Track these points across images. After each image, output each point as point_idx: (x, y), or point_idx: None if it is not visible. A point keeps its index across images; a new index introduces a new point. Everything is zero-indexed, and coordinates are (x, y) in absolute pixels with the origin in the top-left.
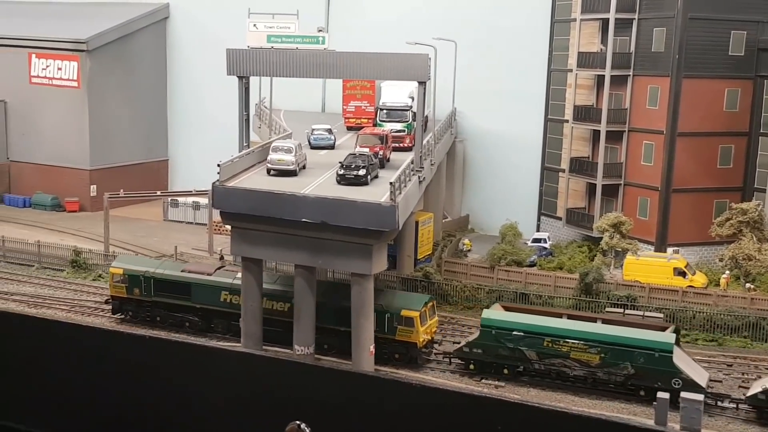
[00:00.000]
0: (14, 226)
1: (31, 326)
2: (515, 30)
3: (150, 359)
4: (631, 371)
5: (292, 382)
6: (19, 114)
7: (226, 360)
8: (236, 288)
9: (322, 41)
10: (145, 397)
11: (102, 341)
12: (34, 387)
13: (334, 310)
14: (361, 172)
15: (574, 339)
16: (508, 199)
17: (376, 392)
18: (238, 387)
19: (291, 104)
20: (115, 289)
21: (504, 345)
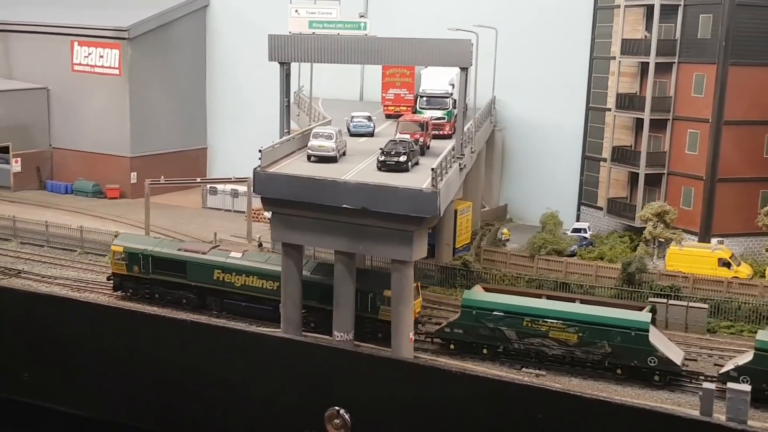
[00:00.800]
0: (57, 212)
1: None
2: (557, 17)
3: (189, 343)
4: (608, 350)
5: (331, 368)
6: (61, 101)
7: (266, 345)
8: (228, 266)
9: (363, 27)
10: (184, 382)
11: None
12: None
13: (321, 289)
14: (402, 159)
15: (553, 318)
16: (547, 189)
17: (416, 379)
18: (278, 372)
19: (329, 92)
20: (116, 267)
21: (484, 325)
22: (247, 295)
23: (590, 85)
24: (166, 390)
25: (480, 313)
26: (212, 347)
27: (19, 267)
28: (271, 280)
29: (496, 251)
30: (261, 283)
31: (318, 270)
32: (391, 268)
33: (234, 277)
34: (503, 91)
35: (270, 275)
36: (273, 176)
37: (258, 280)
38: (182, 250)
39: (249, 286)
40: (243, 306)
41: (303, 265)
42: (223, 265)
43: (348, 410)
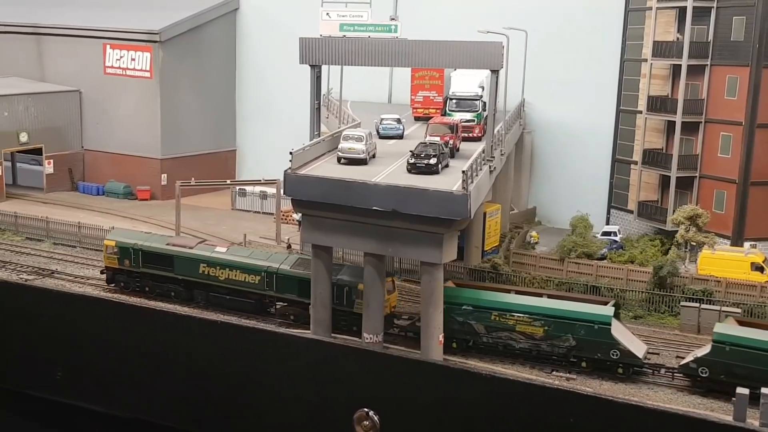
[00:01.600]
0: (89, 213)
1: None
2: (587, 19)
3: (219, 344)
4: (572, 343)
5: (360, 369)
6: (93, 104)
7: (296, 346)
8: (213, 261)
9: (394, 30)
10: (213, 382)
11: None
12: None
13: (300, 283)
14: (432, 161)
15: (520, 312)
16: (577, 192)
17: (445, 381)
18: (307, 374)
19: (358, 95)
20: (109, 260)
21: (454, 319)
22: (230, 289)
23: (621, 88)
24: (196, 390)
25: (450, 307)
26: (242, 348)
27: (53, 267)
28: (252, 274)
29: (525, 254)
30: (244, 276)
31: (298, 264)
32: (421, 270)
33: (218, 271)
34: (533, 93)
35: (252, 269)
36: (303, 178)
37: (241, 273)
38: (170, 245)
39: (232, 280)
40: (227, 299)
41: (284, 260)
42: (208, 259)
43: (377, 412)
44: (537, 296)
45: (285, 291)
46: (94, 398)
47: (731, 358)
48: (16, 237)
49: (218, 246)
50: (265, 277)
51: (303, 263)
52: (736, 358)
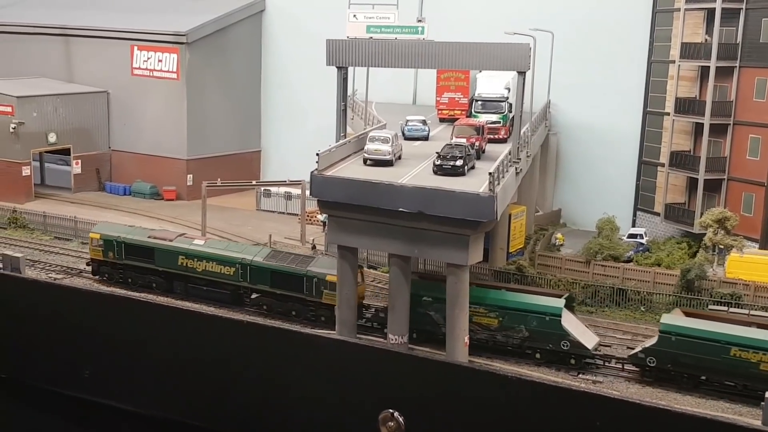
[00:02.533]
0: (116, 213)
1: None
2: (614, 21)
3: (244, 344)
4: (525, 334)
5: (385, 370)
6: (120, 105)
7: (321, 347)
8: (191, 253)
9: (421, 31)
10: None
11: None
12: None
13: (272, 275)
14: (459, 163)
15: (476, 304)
16: (602, 194)
17: (471, 383)
18: (332, 374)
19: (382, 96)
20: (94, 252)
21: (415, 310)
22: (207, 280)
23: (648, 89)
24: (221, 390)
25: (412, 298)
26: (268, 348)
27: (81, 266)
28: (228, 265)
29: (550, 256)
30: (219, 268)
31: (271, 257)
32: (447, 272)
33: (196, 263)
34: (558, 94)
35: (227, 261)
36: (330, 179)
37: (217, 265)
38: (151, 238)
39: (209, 272)
40: (204, 290)
41: (257, 252)
42: (186, 251)
43: (402, 413)
44: (496, 289)
45: (258, 282)
46: (121, 397)
47: (677, 348)
48: (45, 236)
49: (196, 239)
50: (239, 268)
51: (275, 255)
52: (682, 348)
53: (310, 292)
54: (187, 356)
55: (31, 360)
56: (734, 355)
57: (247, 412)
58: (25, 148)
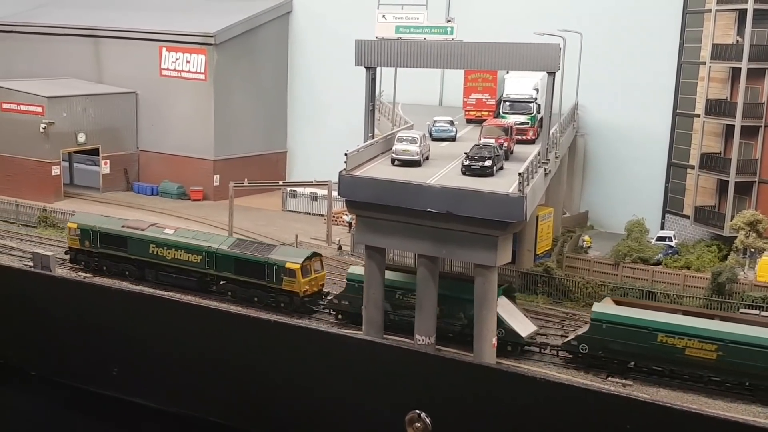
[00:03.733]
0: (143, 213)
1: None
2: (644, 22)
3: (272, 343)
4: (465, 321)
5: (412, 371)
6: (148, 105)
7: (349, 347)
8: (161, 241)
9: (450, 31)
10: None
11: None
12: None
13: (237, 262)
14: (487, 163)
15: None
16: (630, 196)
17: (498, 384)
18: (359, 374)
19: (408, 97)
20: (71, 242)
21: None
22: (176, 268)
23: (678, 91)
24: (249, 389)
25: (361, 286)
26: (295, 348)
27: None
28: (195, 253)
29: (578, 258)
30: (187, 256)
31: (235, 245)
32: (474, 273)
33: (165, 251)
34: (586, 95)
35: (194, 249)
36: (358, 179)
37: (185, 253)
38: (125, 227)
39: (177, 260)
40: (174, 277)
41: (222, 241)
42: (156, 240)
43: (429, 413)
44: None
45: (222, 269)
46: (148, 394)
47: (608, 335)
48: None
49: (167, 228)
50: (205, 256)
51: (239, 244)
52: (613, 335)
53: (271, 279)
54: (213, 355)
55: (61, 357)
56: (661, 341)
57: (274, 411)
58: (55, 148)
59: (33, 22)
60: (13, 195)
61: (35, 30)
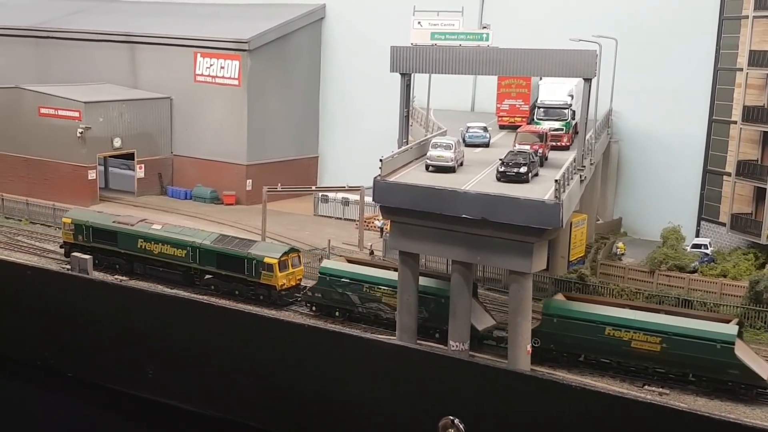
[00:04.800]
0: (177, 217)
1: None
2: (679, 28)
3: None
4: (425, 314)
5: (446, 377)
6: (182, 110)
7: (381, 352)
8: (149, 236)
9: (486, 38)
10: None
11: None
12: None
13: (219, 257)
14: (523, 170)
15: (384, 285)
16: (665, 203)
17: (533, 392)
18: (392, 379)
19: (440, 103)
20: (66, 236)
21: (335, 290)
22: (163, 262)
23: (714, 97)
24: (281, 392)
25: (332, 279)
26: (328, 352)
27: None
28: (180, 248)
29: (612, 265)
30: (173, 251)
31: (218, 240)
32: (509, 280)
33: (153, 246)
34: (620, 102)
35: (180, 244)
36: (393, 185)
37: (171, 248)
38: (115, 223)
39: (164, 254)
40: (161, 270)
41: (206, 237)
42: (144, 235)
43: (462, 420)
44: None
45: (206, 264)
46: (183, 397)
47: (558, 329)
48: None
49: (155, 224)
50: (190, 251)
51: (222, 240)
52: (563, 329)
53: (251, 273)
54: (247, 358)
55: (97, 359)
56: (608, 334)
57: (307, 416)
58: (91, 153)
59: (70, 28)
60: (50, 198)
61: (72, 36)
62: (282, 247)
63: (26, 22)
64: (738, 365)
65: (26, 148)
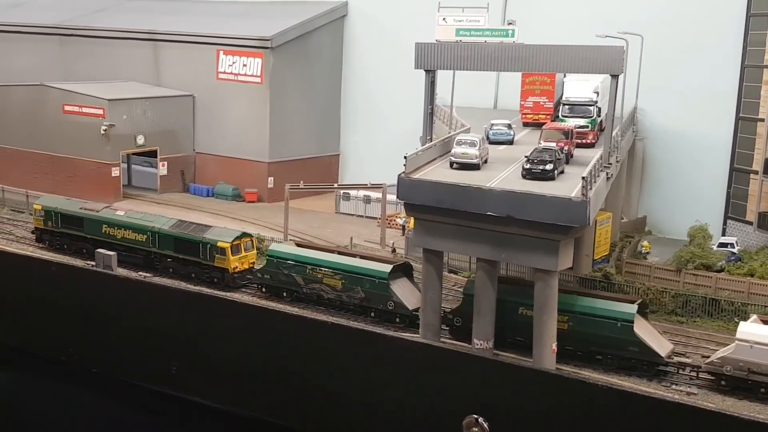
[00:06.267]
0: (199, 214)
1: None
2: (705, 25)
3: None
4: (362, 294)
5: (470, 375)
6: (205, 108)
7: (405, 350)
8: (112, 222)
9: (511, 34)
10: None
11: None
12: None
13: (176, 241)
14: (549, 167)
15: (325, 267)
16: (690, 202)
17: (558, 390)
18: (416, 377)
19: (463, 100)
20: (37, 222)
21: (282, 271)
22: (125, 246)
23: (741, 94)
24: (305, 389)
25: (279, 261)
26: (352, 350)
27: None
28: (141, 233)
29: (638, 263)
30: (134, 235)
31: (176, 226)
32: (535, 278)
33: (116, 231)
34: (646, 99)
35: (140, 229)
36: (417, 182)
37: (132, 233)
38: (82, 209)
39: (126, 239)
40: (123, 254)
41: (165, 222)
42: (108, 220)
43: (486, 419)
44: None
45: (164, 248)
46: (206, 393)
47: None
48: None
49: (118, 210)
50: (149, 236)
51: (179, 225)
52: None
53: (205, 257)
54: (271, 355)
55: (121, 355)
56: (523, 313)
57: (330, 413)
58: (115, 150)
59: (94, 25)
60: (74, 195)
61: (96, 34)
62: (234, 232)
63: (51, 20)
64: (637, 342)
65: (51, 145)
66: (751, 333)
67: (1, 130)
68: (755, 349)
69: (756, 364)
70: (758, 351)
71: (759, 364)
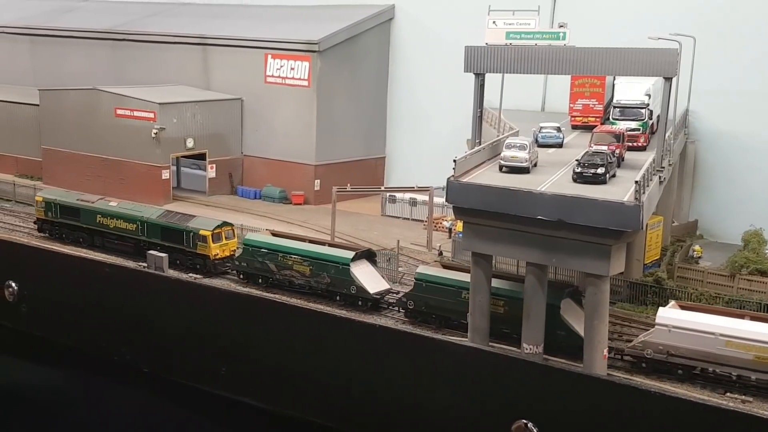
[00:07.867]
0: (248, 216)
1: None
2: (759, 26)
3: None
4: (327, 280)
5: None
6: (253, 111)
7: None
8: (105, 212)
9: (563, 37)
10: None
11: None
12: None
13: (161, 229)
14: (600, 171)
15: (294, 254)
16: (743, 205)
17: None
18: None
19: (510, 103)
20: (38, 213)
21: (257, 259)
22: (117, 235)
23: None
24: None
25: (254, 249)
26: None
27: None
28: (131, 222)
29: (690, 268)
30: (125, 225)
31: (163, 216)
32: (586, 282)
33: (109, 220)
34: (697, 101)
35: (130, 219)
36: (467, 186)
37: (123, 222)
38: (79, 200)
39: (118, 228)
40: (115, 243)
41: (153, 212)
42: (102, 211)
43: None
44: (321, 245)
45: (152, 236)
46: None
47: (426, 292)
48: None
49: (112, 201)
50: (139, 225)
51: (166, 215)
52: (429, 292)
53: (189, 244)
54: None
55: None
56: (465, 297)
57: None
58: (165, 153)
59: (145, 30)
60: (125, 198)
61: (147, 38)
62: (215, 221)
63: (103, 25)
64: None
65: (103, 148)
66: (669, 318)
67: (55, 134)
68: (673, 332)
69: (674, 347)
70: (676, 335)
71: (677, 347)
